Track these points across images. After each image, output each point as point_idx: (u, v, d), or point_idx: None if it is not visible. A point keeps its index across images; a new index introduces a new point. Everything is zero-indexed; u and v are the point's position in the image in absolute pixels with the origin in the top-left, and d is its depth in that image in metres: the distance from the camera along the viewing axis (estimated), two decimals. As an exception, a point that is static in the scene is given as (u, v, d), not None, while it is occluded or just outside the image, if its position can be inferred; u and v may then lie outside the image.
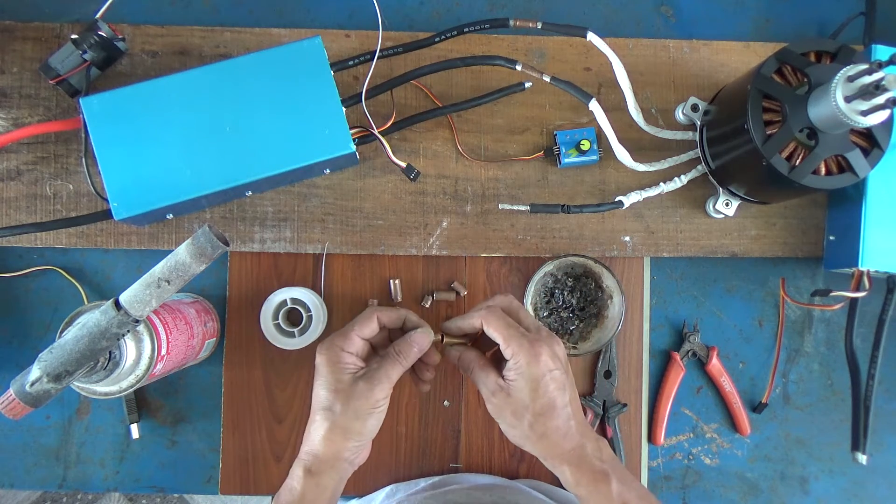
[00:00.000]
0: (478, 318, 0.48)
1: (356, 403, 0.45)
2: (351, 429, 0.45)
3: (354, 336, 0.47)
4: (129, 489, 0.62)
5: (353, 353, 0.47)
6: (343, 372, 0.46)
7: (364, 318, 0.49)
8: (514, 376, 0.46)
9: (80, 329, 0.41)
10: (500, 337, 0.47)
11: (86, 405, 0.61)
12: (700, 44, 0.64)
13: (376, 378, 0.46)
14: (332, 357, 0.46)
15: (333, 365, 0.46)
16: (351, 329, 0.48)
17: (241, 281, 0.62)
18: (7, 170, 0.59)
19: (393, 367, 0.47)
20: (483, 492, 0.56)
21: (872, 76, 0.45)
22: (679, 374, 0.63)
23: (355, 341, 0.47)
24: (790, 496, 0.64)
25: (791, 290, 0.65)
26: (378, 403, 0.46)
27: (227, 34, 0.61)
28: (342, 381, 0.46)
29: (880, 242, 0.57)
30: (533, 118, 0.63)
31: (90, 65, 0.56)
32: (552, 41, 0.63)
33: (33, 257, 0.61)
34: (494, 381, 0.47)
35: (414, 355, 0.48)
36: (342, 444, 0.46)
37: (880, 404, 0.64)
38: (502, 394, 0.47)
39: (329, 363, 0.46)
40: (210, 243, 0.40)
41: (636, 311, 0.63)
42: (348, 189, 0.61)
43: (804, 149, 0.52)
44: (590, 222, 0.62)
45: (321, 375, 0.47)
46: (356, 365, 0.47)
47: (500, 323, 0.47)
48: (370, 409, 0.46)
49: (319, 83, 0.55)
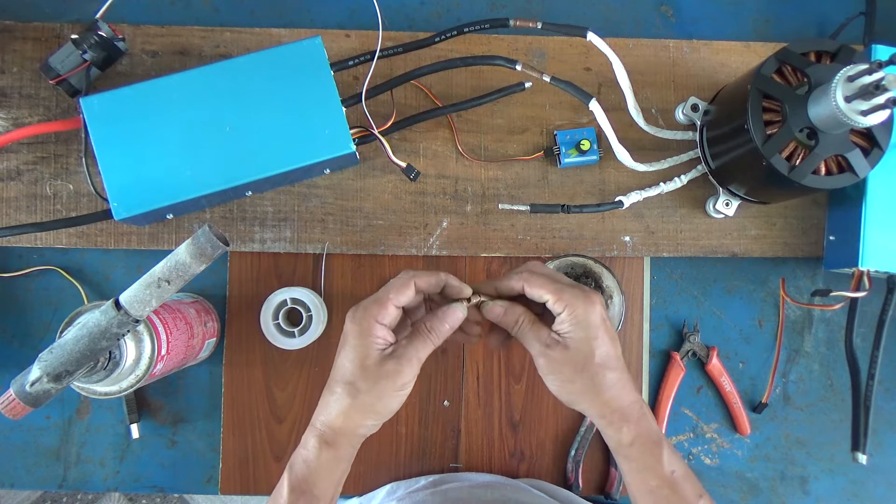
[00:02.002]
0: (518, 281, 0.45)
1: (383, 383, 0.42)
2: (373, 408, 0.43)
3: (390, 305, 0.43)
4: (129, 489, 0.62)
5: (385, 325, 0.43)
6: (373, 347, 0.43)
7: (400, 283, 0.44)
8: (569, 328, 0.43)
9: (80, 329, 0.41)
10: (547, 293, 0.44)
11: (86, 405, 0.61)
12: (700, 44, 0.64)
13: (405, 357, 0.43)
14: (365, 327, 0.43)
15: (364, 337, 0.43)
16: (386, 297, 0.44)
17: (241, 281, 0.62)
18: (7, 170, 0.59)
19: (423, 345, 0.44)
20: (484, 489, 0.56)
21: (872, 76, 0.45)
22: (679, 374, 0.63)
23: (390, 311, 0.43)
24: (790, 496, 0.64)
25: (791, 290, 0.65)
26: (405, 386, 0.43)
27: (227, 34, 0.61)
28: (370, 356, 0.42)
29: (880, 242, 0.57)
30: (533, 118, 0.63)
31: (90, 65, 0.56)
32: (552, 41, 0.63)
33: (33, 257, 0.61)
34: (548, 335, 0.44)
35: (446, 332, 0.45)
36: (361, 421, 0.43)
37: (880, 404, 0.64)
38: (559, 347, 0.43)
39: (360, 334, 0.43)
40: (210, 243, 0.40)
41: (636, 311, 0.63)
42: (348, 189, 0.61)
43: (804, 149, 0.52)
44: (590, 222, 0.62)
45: (349, 345, 0.43)
46: (386, 340, 0.43)
47: (544, 280, 0.44)
48: (396, 390, 0.43)
49: (319, 83, 0.55)
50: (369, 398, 0.43)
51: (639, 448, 0.43)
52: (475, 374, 0.63)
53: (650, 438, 0.43)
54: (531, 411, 0.63)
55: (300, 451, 0.44)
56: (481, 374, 0.63)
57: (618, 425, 0.43)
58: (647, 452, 0.43)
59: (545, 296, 0.44)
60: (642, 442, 0.43)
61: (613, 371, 0.43)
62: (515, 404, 0.63)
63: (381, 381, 0.42)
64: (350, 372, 0.43)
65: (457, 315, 0.45)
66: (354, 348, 0.43)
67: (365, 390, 0.42)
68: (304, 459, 0.43)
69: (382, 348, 0.43)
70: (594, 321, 0.43)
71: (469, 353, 0.63)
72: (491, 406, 0.63)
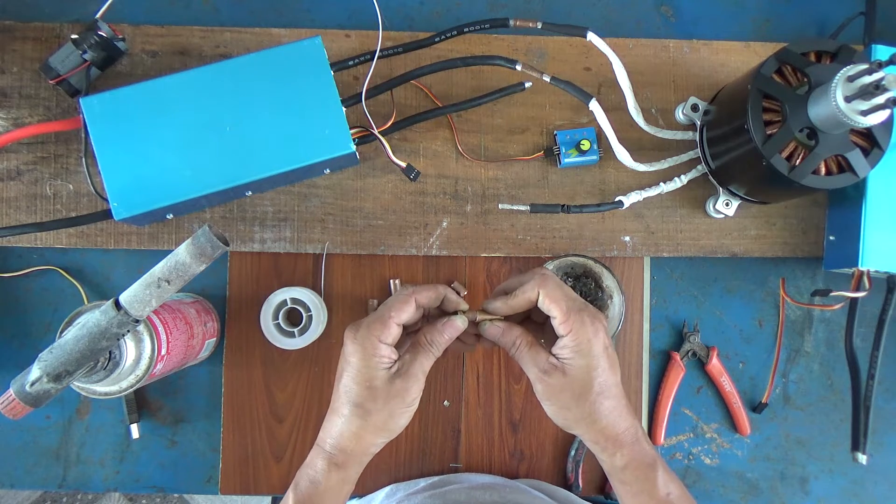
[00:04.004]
0: (533, 288, 0.44)
1: (393, 403, 0.42)
2: (385, 427, 0.43)
3: (392, 323, 0.43)
4: (129, 489, 0.62)
5: (389, 345, 0.43)
6: (378, 367, 0.42)
7: (400, 301, 0.44)
8: (570, 354, 0.43)
9: (80, 329, 0.41)
10: (558, 310, 0.43)
11: (86, 405, 0.61)
12: (700, 44, 0.64)
13: (412, 374, 0.43)
14: (368, 348, 0.42)
15: (369, 357, 0.42)
16: (388, 315, 0.43)
17: (241, 281, 0.62)
18: (7, 170, 0.59)
19: (426, 359, 0.44)
20: (483, 491, 0.56)
21: (872, 76, 0.45)
22: (679, 374, 0.63)
23: (393, 330, 0.43)
24: (790, 496, 0.64)
25: (791, 290, 0.65)
26: (414, 402, 0.43)
27: (227, 34, 0.61)
28: (378, 377, 0.42)
29: (880, 242, 0.57)
30: (533, 118, 0.63)
31: (90, 65, 0.56)
32: (552, 41, 0.63)
33: (33, 257, 0.61)
34: (546, 360, 0.44)
35: (445, 343, 0.45)
36: (373, 441, 0.44)
37: (880, 404, 0.64)
38: (557, 373, 0.43)
39: (364, 355, 0.42)
40: (210, 243, 0.40)
41: (636, 311, 0.63)
42: (348, 189, 0.61)
43: (804, 149, 0.52)
44: (590, 222, 0.62)
45: (353, 367, 0.43)
46: (391, 359, 0.43)
47: (559, 293, 0.43)
48: (406, 407, 0.43)
49: (319, 83, 0.55)
50: (380, 418, 0.43)
51: (632, 472, 0.43)
52: (475, 375, 0.63)
53: (644, 462, 0.43)
54: (531, 411, 0.63)
55: (306, 471, 0.44)
56: (481, 374, 0.63)
57: (611, 451, 0.44)
58: (642, 476, 0.43)
59: (554, 312, 0.43)
60: (636, 466, 0.43)
61: (610, 399, 0.43)
62: (515, 404, 0.63)
63: (392, 401, 0.42)
64: (357, 394, 0.42)
65: (456, 326, 0.45)
66: (360, 370, 0.42)
67: (376, 410, 0.42)
68: (311, 480, 0.43)
69: (388, 367, 0.43)
70: (596, 350, 0.43)
71: (469, 354, 0.63)
72: (491, 406, 0.63)
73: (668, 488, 0.43)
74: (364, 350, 0.42)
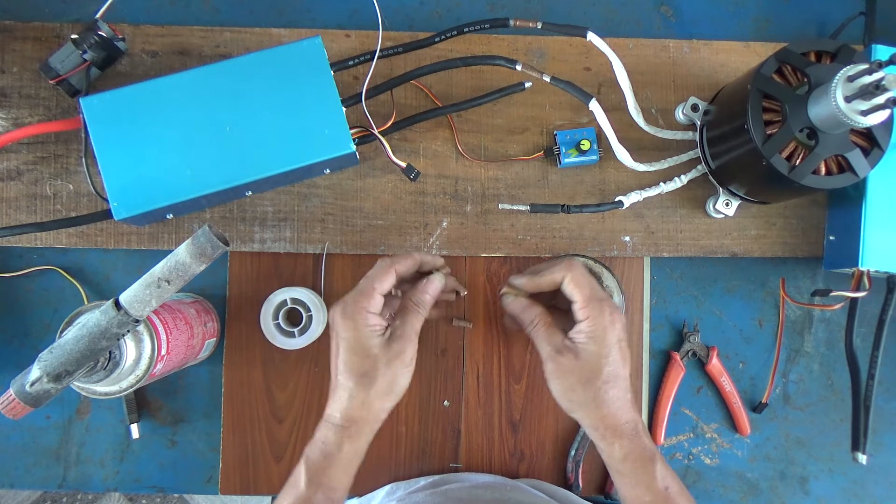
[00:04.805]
0: (560, 272, 0.46)
1: (395, 364, 0.45)
2: (391, 390, 0.45)
3: (377, 294, 0.46)
4: (129, 489, 0.62)
5: (376, 314, 0.46)
6: (372, 336, 0.45)
7: (381, 271, 0.47)
8: (584, 339, 0.45)
9: (80, 329, 0.41)
10: (580, 295, 0.45)
11: (86, 405, 0.61)
12: (700, 44, 0.64)
13: (406, 335, 0.46)
14: (359, 320, 0.45)
15: (360, 328, 0.45)
16: (371, 287, 0.46)
17: (241, 281, 0.62)
18: (7, 170, 0.59)
19: (416, 319, 0.47)
20: (484, 490, 0.56)
21: (872, 76, 0.45)
22: (679, 374, 0.63)
23: (377, 300, 0.46)
24: (790, 496, 0.64)
25: (791, 290, 0.65)
26: (412, 361, 0.46)
27: (227, 34, 0.61)
28: (374, 344, 0.45)
29: (880, 242, 0.57)
30: (533, 118, 0.63)
31: (90, 65, 0.56)
32: (552, 41, 0.63)
33: (33, 257, 0.61)
34: (561, 341, 0.46)
35: (430, 302, 0.48)
36: (381, 406, 0.45)
37: (880, 404, 0.64)
38: (570, 354, 0.45)
39: (356, 327, 0.45)
40: (210, 243, 0.40)
41: (636, 311, 0.63)
42: (348, 189, 0.61)
43: (804, 149, 0.52)
44: (590, 222, 0.62)
45: (348, 340, 0.45)
46: (382, 325, 0.46)
47: (584, 280, 0.45)
48: (406, 366, 0.45)
49: (319, 83, 0.55)
50: (385, 381, 0.45)
51: (631, 464, 0.44)
52: (475, 375, 0.63)
53: (643, 455, 0.44)
54: (531, 411, 0.63)
55: (317, 445, 0.45)
56: (481, 374, 0.63)
57: (610, 440, 0.45)
58: (640, 469, 0.44)
59: (576, 297, 0.45)
60: (634, 458, 0.44)
61: (616, 389, 0.44)
62: (515, 404, 0.63)
63: (393, 363, 0.45)
64: (358, 364, 0.44)
65: (436, 285, 0.49)
66: (356, 340, 0.45)
67: (380, 375, 0.44)
68: (323, 453, 0.44)
69: (381, 333, 0.45)
70: (610, 340, 0.44)
71: (469, 353, 0.63)
72: (491, 406, 0.63)
73: (666, 482, 0.44)
74: (356, 322, 0.45)
